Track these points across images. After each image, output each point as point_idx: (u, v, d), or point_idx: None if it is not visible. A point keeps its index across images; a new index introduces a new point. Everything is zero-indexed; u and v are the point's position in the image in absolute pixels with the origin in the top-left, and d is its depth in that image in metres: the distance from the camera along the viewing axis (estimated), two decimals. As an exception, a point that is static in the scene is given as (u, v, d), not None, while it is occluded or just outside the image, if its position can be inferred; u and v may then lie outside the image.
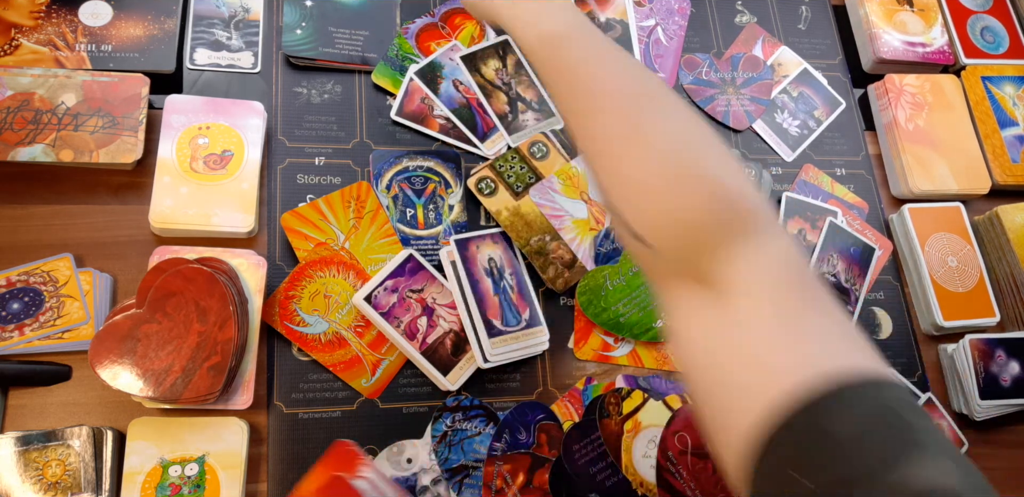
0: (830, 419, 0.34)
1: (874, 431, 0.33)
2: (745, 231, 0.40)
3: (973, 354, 0.75)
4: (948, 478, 0.31)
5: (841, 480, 0.32)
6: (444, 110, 0.74)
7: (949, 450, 0.32)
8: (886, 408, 0.33)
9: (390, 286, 0.65)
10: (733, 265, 0.40)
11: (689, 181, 0.41)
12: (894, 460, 0.31)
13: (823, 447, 0.33)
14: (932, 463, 0.31)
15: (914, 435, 0.32)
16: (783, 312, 0.39)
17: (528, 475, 0.63)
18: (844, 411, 0.34)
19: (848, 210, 0.81)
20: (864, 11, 0.89)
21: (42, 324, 0.59)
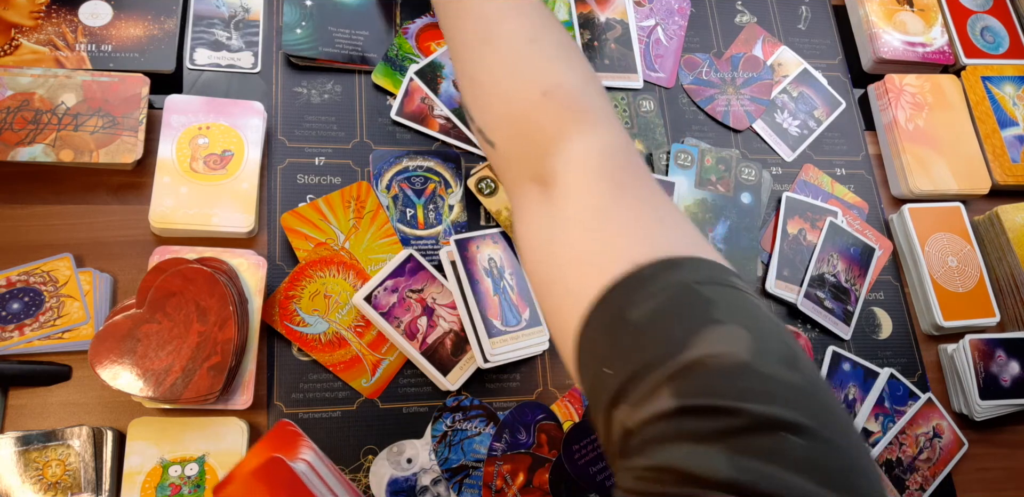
0: (628, 306, 0.33)
1: (669, 312, 0.32)
2: (575, 129, 0.41)
3: (973, 354, 0.75)
4: (734, 345, 0.30)
5: (637, 368, 0.31)
6: (444, 110, 0.74)
7: (748, 320, 0.31)
8: (683, 287, 0.33)
9: (390, 286, 0.65)
10: (561, 163, 0.41)
11: (523, 80, 0.42)
12: (684, 339, 0.31)
13: (623, 336, 0.33)
14: (723, 334, 0.30)
15: (710, 310, 0.32)
16: (597, 205, 0.38)
17: (528, 475, 0.63)
18: (640, 297, 0.33)
19: (848, 210, 0.81)
20: (864, 11, 0.89)
21: (42, 324, 0.59)
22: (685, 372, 0.30)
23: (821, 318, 0.75)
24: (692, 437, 0.28)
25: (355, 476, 0.62)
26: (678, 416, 0.29)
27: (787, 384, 0.29)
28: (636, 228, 0.37)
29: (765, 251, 0.77)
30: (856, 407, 0.73)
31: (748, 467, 0.27)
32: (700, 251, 0.35)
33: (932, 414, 0.74)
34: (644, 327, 0.32)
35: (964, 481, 0.74)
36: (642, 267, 0.34)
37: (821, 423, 0.28)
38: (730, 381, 0.29)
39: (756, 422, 0.28)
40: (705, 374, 0.30)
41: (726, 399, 0.28)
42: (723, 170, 0.78)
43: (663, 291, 0.33)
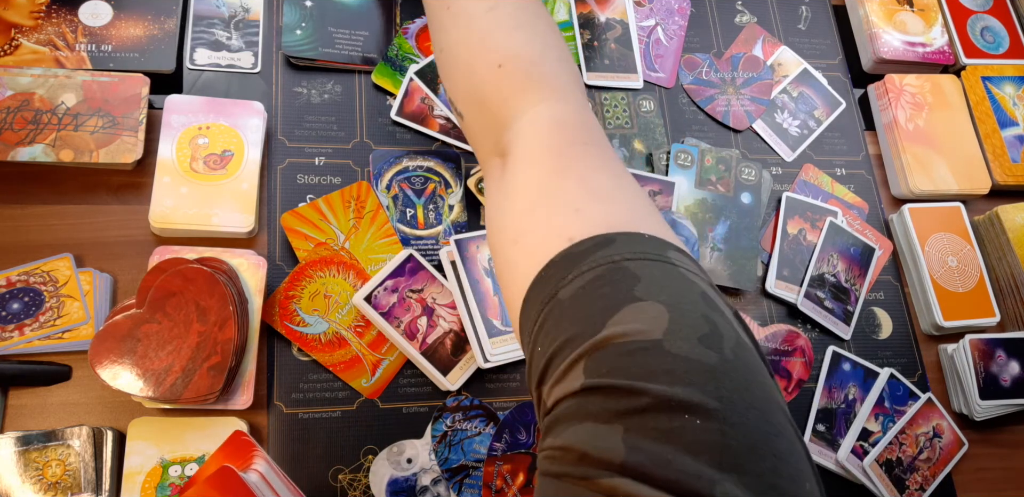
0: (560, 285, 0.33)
1: (593, 290, 0.31)
2: (529, 100, 0.41)
3: (973, 354, 0.75)
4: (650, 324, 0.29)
5: (559, 346, 0.31)
6: (444, 110, 0.74)
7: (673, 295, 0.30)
8: (612, 263, 0.32)
9: (390, 286, 0.65)
10: (514, 135, 0.40)
11: (481, 51, 0.42)
12: (604, 318, 0.30)
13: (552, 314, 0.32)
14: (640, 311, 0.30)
15: (634, 287, 0.31)
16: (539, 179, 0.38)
17: (528, 475, 0.63)
18: (571, 274, 0.32)
19: (848, 210, 0.81)
20: (864, 11, 0.89)
21: (42, 324, 0.59)
22: (595, 349, 0.29)
23: (821, 318, 0.75)
24: (594, 417, 0.28)
25: (355, 476, 0.62)
26: (584, 395, 0.29)
27: (698, 364, 0.28)
28: (579, 204, 0.36)
29: (765, 251, 0.77)
30: (856, 407, 0.73)
31: (643, 448, 0.26)
32: (640, 225, 0.35)
33: (932, 414, 0.74)
34: (569, 305, 0.32)
35: (964, 481, 0.74)
36: (576, 243, 0.34)
37: (730, 405, 0.27)
38: (637, 360, 0.28)
39: (658, 403, 0.27)
40: (613, 353, 0.29)
41: (631, 378, 0.28)
42: (723, 170, 0.78)
43: (592, 269, 0.32)
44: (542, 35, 0.43)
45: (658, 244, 0.34)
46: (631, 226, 0.34)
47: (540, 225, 0.36)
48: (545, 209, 0.37)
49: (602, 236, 0.34)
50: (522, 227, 0.37)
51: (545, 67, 0.42)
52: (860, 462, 0.70)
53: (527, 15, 0.43)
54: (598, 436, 0.27)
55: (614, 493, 0.26)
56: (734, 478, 0.26)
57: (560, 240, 0.34)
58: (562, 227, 0.35)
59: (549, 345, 0.32)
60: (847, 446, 0.70)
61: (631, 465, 0.26)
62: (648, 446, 0.26)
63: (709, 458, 0.26)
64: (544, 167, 0.38)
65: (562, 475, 0.28)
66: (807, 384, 0.73)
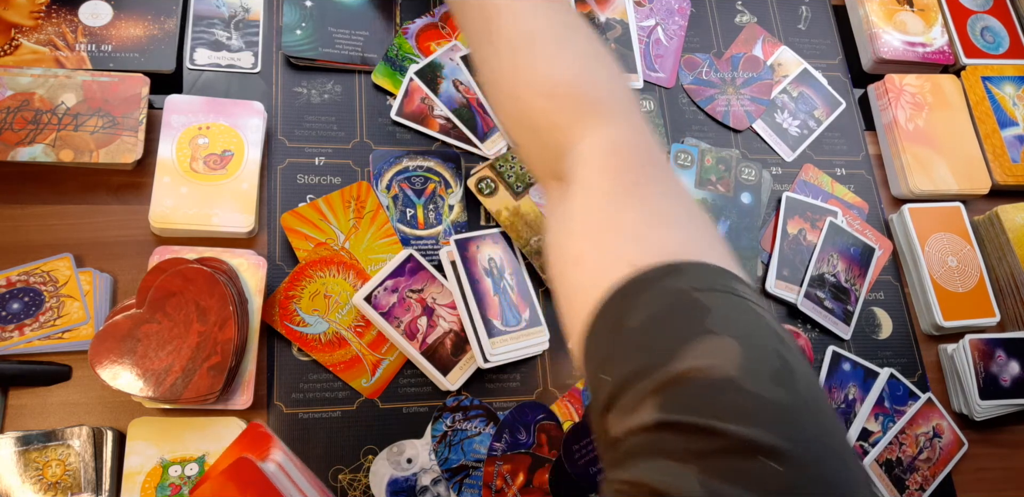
0: (626, 312, 0.32)
1: (663, 321, 0.31)
2: (584, 126, 0.40)
3: (973, 354, 0.75)
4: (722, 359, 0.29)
5: (627, 376, 0.31)
6: (444, 110, 0.74)
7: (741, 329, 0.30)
8: (681, 294, 0.32)
9: (390, 286, 0.65)
10: (572, 161, 0.40)
11: (526, 82, 0.41)
12: (674, 350, 0.30)
13: (619, 342, 0.32)
14: (713, 346, 0.30)
15: (705, 320, 0.31)
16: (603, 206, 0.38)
17: (528, 475, 0.63)
18: (639, 302, 0.32)
19: (848, 210, 0.81)
20: (864, 11, 0.89)
21: (42, 324, 0.59)
22: (669, 385, 0.29)
23: (821, 318, 0.75)
24: (668, 454, 0.28)
25: (355, 476, 0.62)
26: (658, 431, 0.29)
27: (772, 403, 0.28)
28: (641, 230, 0.36)
29: (765, 251, 0.77)
30: (856, 407, 0.73)
31: (718, 490, 0.26)
32: (707, 255, 0.34)
33: (932, 414, 0.74)
34: (638, 334, 0.32)
35: (964, 481, 0.74)
36: (643, 271, 0.33)
37: (803, 446, 0.27)
38: (712, 398, 0.28)
39: (733, 444, 0.27)
40: (688, 389, 0.29)
41: (705, 417, 0.28)
42: (723, 170, 0.78)
43: (661, 298, 0.32)
44: (587, 55, 0.42)
45: (725, 275, 0.34)
46: (697, 254, 0.34)
47: (602, 249, 0.36)
48: (608, 234, 0.37)
49: (669, 265, 0.33)
50: (583, 249, 0.37)
51: (596, 90, 0.41)
52: (860, 462, 0.70)
53: (568, 36, 0.43)
54: (672, 474, 0.27)
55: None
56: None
57: (622, 265, 0.34)
58: (624, 253, 0.35)
59: (617, 374, 0.31)
60: (847, 446, 0.70)
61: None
62: (723, 488, 0.26)
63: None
64: (604, 191, 0.38)
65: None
66: (807, 384, 0.73)
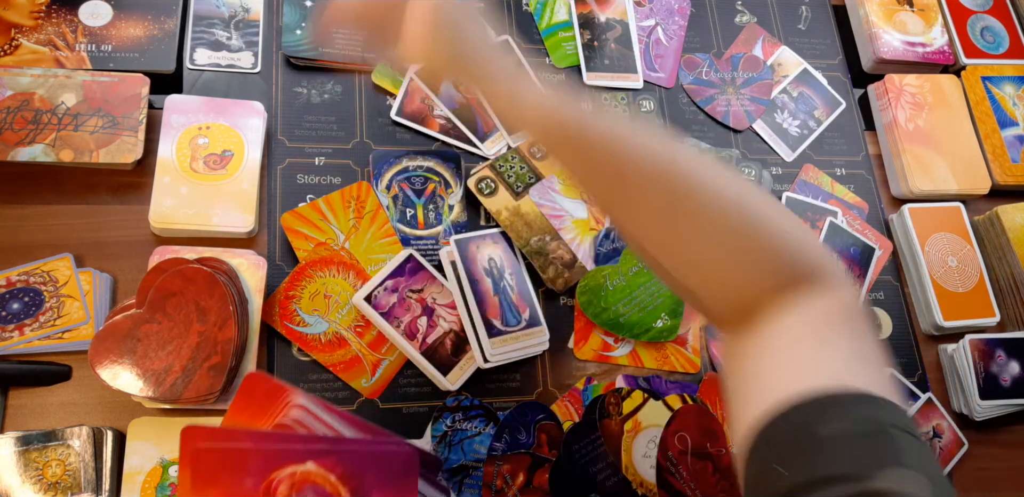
0: (818, 422, 0.34)
1: (858, 439, 0.33)
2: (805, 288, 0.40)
3: (973, 354, 0.75)
4: (918, 489, 0.31)
5: (817, 477, 0.32)
6: (444, 110, 0.74)
7: (930, 471, 0.33)
8: (876, 423, 0.34)
9: (390, 286, 0.65)
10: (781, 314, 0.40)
11: (749, 253, 0.41)
12: (872, 468, 0.32)
13: (806, 445, 0.34)
14: (908, 478, 0.32)
15: (897, 451, 0.33)
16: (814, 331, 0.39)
17: (528, 475, 0.63)
18: (833, 417, 0.34)
19: (848, 210, 0.81)
20: (864, 11, 0.89)
21: (42, 324, 0.59)
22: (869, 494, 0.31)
23: (821, 318, 0.75)
24: None
25: (355, 476, 0.62)
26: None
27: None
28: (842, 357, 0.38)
29: (765, 251, 0.77)
30: (856, 407, 0.73)
31: None
32: (895, 398, 0.37)
33: (932, 414, 0.74)
34: (832, 444, 0.33)
35: (964, 481, 0.74)
36: (841, 391, 0.35)
37: None
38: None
39: None
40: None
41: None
42: (723, 170, 0.78)
43: (857, 421, 0.34)
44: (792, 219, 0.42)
45: (911, 420, 0.36)
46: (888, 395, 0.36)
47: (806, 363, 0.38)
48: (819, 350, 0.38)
49: (865, 395, 0.35)
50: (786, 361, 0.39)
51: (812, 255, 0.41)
52: (860, 462, 0.70)
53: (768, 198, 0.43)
54: None
55: None
56: None
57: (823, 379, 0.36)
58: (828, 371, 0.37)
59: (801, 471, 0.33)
60: (847, 446, 0.70)
61: None
62: None
63: None
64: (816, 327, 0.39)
65: None
66: (807, 384, 0.73)
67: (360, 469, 0.43)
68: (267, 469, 0.41)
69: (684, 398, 0.68)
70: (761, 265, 0.41)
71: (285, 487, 0.41)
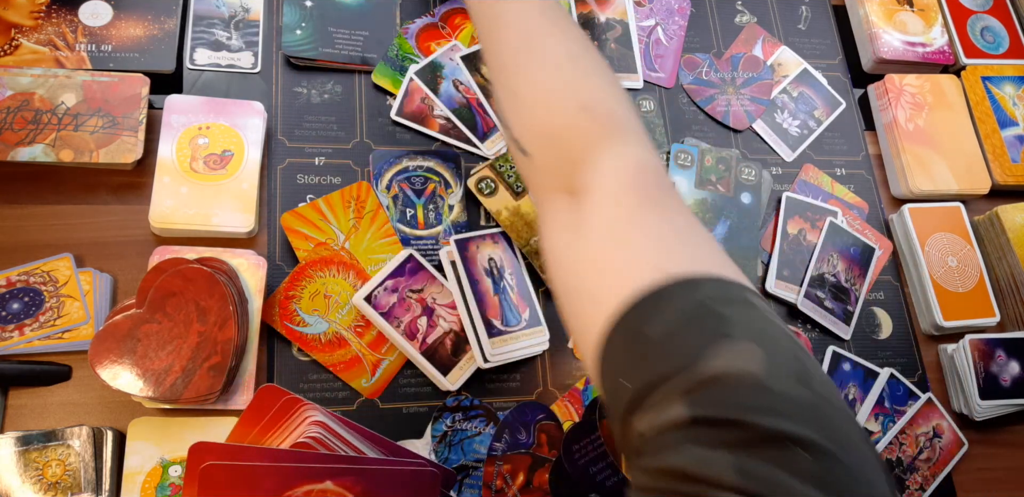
0: (646, 322, 0.34)
1: (684, 328, 0.33)
2: (611, 143, 0.42)
3: (973, 354, 0.75)
4: (747, 362, 0.31)
5: (652, 378, 0.32)
6: (444, 110, 0.74)
7: (763, 336, 0.33)
8: (700, 305, 0.34)
9: (390, 286, 0.65)
10: (593, 174, 0.42)
11: (563, 95, 0.44)
12: (697, 354, 0.32)
13: (639, 350, 0.34)
14: (735, 350, 0.31)
15: (724, 327, 0.33)
16: (624, 218, 0.40)
17: (528, 475, 0.63)
18: (658, 313, 0.34)
19: (848, 210, 0.81)
20: (864, 11, 0.89)
21: (42, 324, 0.59)
22: (699, 385, 0.31)
23: (821, 318, 0.75)
24: (702, 444, 0.30)
25: (355, 476, 0.62)
26: (691, 426, 0.30)
27: (797, 401, 0.30)
28: (659, 244, 0.38)
29: (765, 251, 0.77)
30: (856, 407, 0.73)
31: (755, 473, 0.28)
32: (720, 269, 0.37)
33: (932, 414, 0.74)
34: (659, 342, 0.33)
35: (964, 481, 0.74)
36: (661, 285, 0.35)
37: (830, 438, 0.29)
38: (741, 396, 0.30)
39: (766, 435, 0.29)
40: (719, 389, 0.31)
41: (737, 413, 0.30)
42: (723, 170, 0.78)
43: (680, 309, 0.34)
44: (616, 86, 0.46)
45: (739, 287, 0.36)
46: (712, 269, 0.37)
47: (621, 264, 0.38)
48: (627, 248, 0.38)
49: (686, 279, 0.35)
50: (601, 263, 0.39)
51: (626, 112, 0.44)
52: (860, 462, 0.70)
53: (602, 66, 0.46)
54: (707, 460, 0.29)
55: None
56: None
57: (643, 279, 0.36)
58: (653, 258, 0.37)
59: (639, 379, 0.33)
60: (847, 446, 0.70)
61: (743, 487, 0.28)
62: (758, 471, 0.28)
63: (817, 487, 0.28)
64: (628, 207, 0.40)
65: (671, 492, 0.30)
66: (807, 384, 0.73)
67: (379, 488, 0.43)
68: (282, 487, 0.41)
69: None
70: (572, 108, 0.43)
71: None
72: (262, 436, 0.47)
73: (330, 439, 0.45)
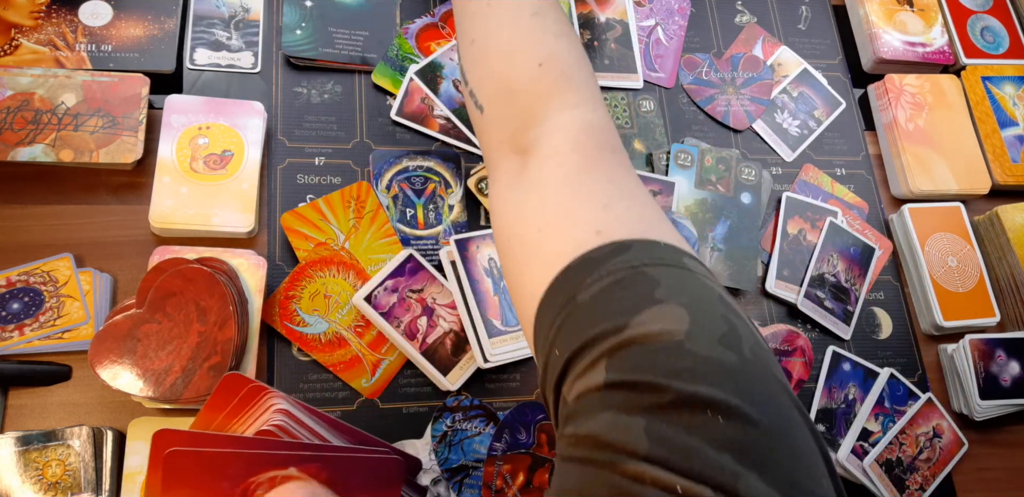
0: (578, 289, 0.34)
1: (614, 292, 0.32)
2: (563, 101, 0.42)
3: (973, 354, 0.75)
4: (672, 324, 0.30)
5: (579, 345, 0.32)
6: (444, 110, 0.74)
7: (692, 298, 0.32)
8: (630, 269, 0.33)
9: (390, 286, 0.65)
10: (543, 132, 0.41)
11: (523, 48, 0.43)
12: (625, 318, 0.31)
13: (570, 318, 0.33)
14: (661, 313, 0.31)
15: (653, 291, 0.32)
16: (564, 179, 0.39)
17: (528, 475, 0.63)
18: (589, 279, 0.34)
19: (848, 210, 0.81)
20: (864, 11, 0.89)
21: (42, 324, 0.59)
22: (618, 349, 0.30)
23: (821, 318, 0.75)
24: (616, 408, 0.29)
25: (355, 476, 0.62)
26: (607, 390, 0.29)
27: (719, 363, 0.29)
28: (597, 207, 0.37)
29: (765, 251, 0.77)
30: (856, 407, 0.73)
31: (666, 439, 0.27)
32: (655, 233, 0.36)
33: (932, 414, 0.74)
34: (589, 308, 0.33)
35: (964, 481, 0.74)
36: (593, 250, 0.35)
37: (751, 403, 0.28)
38: (660, 359, 0.29)
39: (680, 399, 0.28)
40: (637, 351, 0.30)
41: (654, 376, 0.29)
42: (723, 170, 0.78)
43: (611, 274, 0.33)
44: (577, 47, 0.45)
45: (673, 250, 0.35)
46: (649, 234, 0.35)
47: (569, 216, 0.37)
48: (575, 202, 0.38)
49: (619, 243, 0.35)
50: (548, 218, 0.38)
51: (581, 74, 0.44)
52: (860, 462, 0.70)
53: (565, 26, 0.46)
54: (620, 426, 0.28)
55: (640, 478, 0.27)
56: (756, 474, 0.26)
57: (588, 233, 0.35)
58: (591, 220, 0.36)
59: (568, 347, 0.32)
60: (847, 446, 0.70)
61: (654, 455, 0.27)
62: (672, 438, 0.27)
63: (732, 453, 0.27)
64: (574, 165, 0.39)
65: (585, 460, 0.29)
66: (807, 384, 0.73)
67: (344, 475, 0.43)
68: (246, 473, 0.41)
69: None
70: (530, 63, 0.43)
71: (264, 490, 0.40)
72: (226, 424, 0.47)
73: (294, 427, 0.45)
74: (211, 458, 0.41)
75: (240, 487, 0.41)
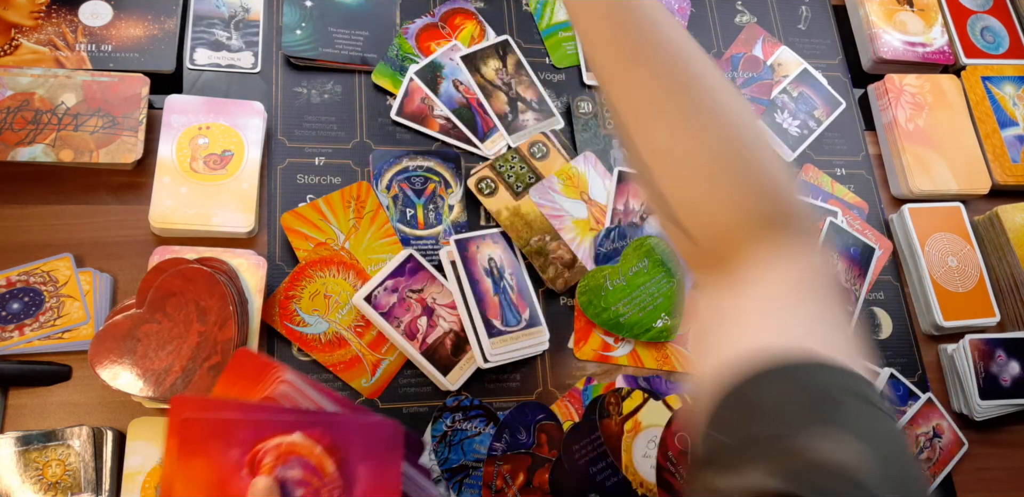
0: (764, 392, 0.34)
1: (794, 404, 0.33)
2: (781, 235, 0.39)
3: (973, 354, 0.75)
4: (846, 455, 0.30)
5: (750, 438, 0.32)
6: (444, 110, 0.74)
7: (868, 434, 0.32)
8: (818, 390, 0.33)
9: (390, 286, 0.65)
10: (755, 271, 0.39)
11: (742, 171, 0.38)
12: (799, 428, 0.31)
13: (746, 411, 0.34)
14: (836, 438, 0.31)
15: (835, 414, 0.32)
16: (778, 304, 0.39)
17: (528, 475, 0.63)
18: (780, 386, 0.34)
19: (848, 210, 0.81)
20: (864, 11, 0.89)
21: (42, 324, 0.59)
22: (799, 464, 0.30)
23: (821, 318, 0.75)
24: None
25: (355, 476, 0.62)
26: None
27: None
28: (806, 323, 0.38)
29: (765, 251, 0.77)
30: (856, 407, 0.73)
31: None
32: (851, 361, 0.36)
33: (932, 414, 0.74)
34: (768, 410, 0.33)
35: (964, 481, 0.74)
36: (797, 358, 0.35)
37: None
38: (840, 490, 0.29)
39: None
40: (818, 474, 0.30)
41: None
42: (723, 170, 0.78)
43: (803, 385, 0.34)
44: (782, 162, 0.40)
45: (864, 383, 0.35)
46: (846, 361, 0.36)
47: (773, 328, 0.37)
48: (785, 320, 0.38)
49: (820, 363, 0.35)
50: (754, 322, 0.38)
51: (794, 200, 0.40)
52: (860, 462, 0.70)
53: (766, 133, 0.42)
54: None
55: None
56: None
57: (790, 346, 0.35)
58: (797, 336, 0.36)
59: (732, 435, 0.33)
60: (847, 446, 0.70)
61: None
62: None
63: None
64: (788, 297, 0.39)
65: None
66: (807, 384, 0.73)
67: (346, 441, 0.44)
68: (254, 439, 0.42)
69: (684, 398, 0.68)
70: (746, 192, 0.38)
71: (271, 458, 0.41)
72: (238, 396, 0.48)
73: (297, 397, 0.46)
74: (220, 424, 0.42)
75: (248, 455, 0.41)
